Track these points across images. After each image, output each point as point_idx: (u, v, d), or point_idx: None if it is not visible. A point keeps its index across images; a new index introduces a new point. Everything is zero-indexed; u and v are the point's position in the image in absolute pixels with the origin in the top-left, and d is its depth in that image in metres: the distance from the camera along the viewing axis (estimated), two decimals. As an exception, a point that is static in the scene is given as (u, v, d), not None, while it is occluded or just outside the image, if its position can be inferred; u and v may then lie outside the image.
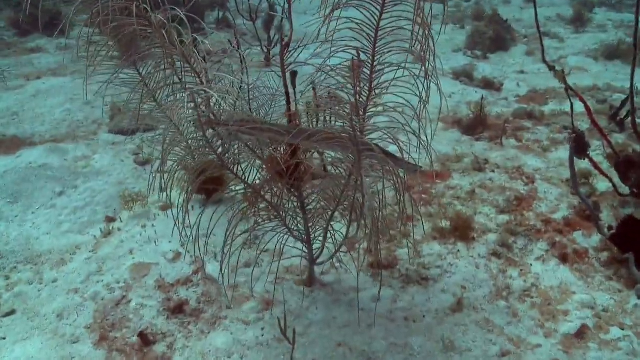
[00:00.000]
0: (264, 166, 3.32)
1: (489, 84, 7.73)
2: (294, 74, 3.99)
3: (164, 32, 2.84)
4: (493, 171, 5.22)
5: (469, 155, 5.54)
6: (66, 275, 4.00)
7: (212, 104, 3.16)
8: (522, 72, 8.50)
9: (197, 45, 3.00)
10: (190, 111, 3.04)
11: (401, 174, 2.92)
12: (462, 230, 4.28)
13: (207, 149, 3.00)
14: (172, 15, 2.85)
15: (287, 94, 3.30)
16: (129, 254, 4.20)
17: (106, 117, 6.20)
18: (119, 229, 4.52)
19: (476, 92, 7.47)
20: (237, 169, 3.22)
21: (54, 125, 6.21)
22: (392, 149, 2.87)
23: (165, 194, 3.13)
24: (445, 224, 4.39)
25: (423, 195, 4.84)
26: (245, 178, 3.23)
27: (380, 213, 3.08)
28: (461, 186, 4.98)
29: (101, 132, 6.20)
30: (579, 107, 6.81)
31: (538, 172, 5.25)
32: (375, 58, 3.10)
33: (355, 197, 3.11)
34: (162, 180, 3.13)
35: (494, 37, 9.40)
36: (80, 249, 4.32)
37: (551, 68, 4.14)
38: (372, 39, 3.04)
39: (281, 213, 3.40)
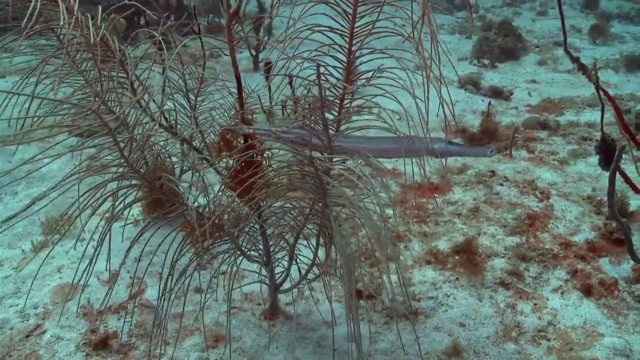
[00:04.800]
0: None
1: (497, 93, 7.00)
2: (268, 66, 3.28)
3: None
4: (501, 184, 4.46)
5: (472, 166, 4.79)
6: (-25, 297, 3.26)
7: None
8: (533, 81, 7.77)
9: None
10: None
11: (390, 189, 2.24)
12: (462, 254, 3.51)
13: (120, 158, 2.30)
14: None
15: (237, 78, 2.58)
16: (56, 272, 3.47)
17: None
18: (53, 242, 3.78)
19: (483, 100, 6.74)
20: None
21: (6, 124, 5.52)
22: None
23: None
24: (442, 245, 3.63)
25: (417, 211, 4.09)
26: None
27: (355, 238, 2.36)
28: (463, 202, 4.23)
29: (60, 135, 5.50)
30: (595, 116, 6.13)
31: (554, 186, 4.48)
32: (355, 42, 2.42)
33: (324, 215, 2.39)
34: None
35: (503, 45, 8.68)
36: (2, 265, 3.59)
37: (574, 60, 3.40)
38: (350, 17, 2.36)
39: (233, 232, 2.66)
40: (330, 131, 2.27)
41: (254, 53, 7.54)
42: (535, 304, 3.23)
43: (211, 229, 2.53)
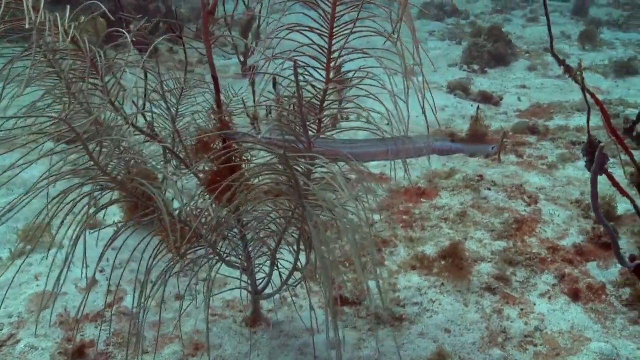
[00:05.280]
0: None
1: (486, 98, 6.98)
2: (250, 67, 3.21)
3: None
4: (488, 189, 4.41)
5: (460, 171, 4.74)
6: (-53, 306, 3.17)
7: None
8: (523, 86, 7.76)
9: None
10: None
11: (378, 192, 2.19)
12: (448, 259, 3.45)
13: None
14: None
15: (214, 78, 2.52)
16: (33, 279, 3.39)
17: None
18: (31, 248, 3.70)
19: (472, 105, 6.72)
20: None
21: (-11, 131, 5.45)
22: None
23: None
24: (428, 250, 3.57)
25: (403, 216, 4.03)
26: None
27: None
28: (450, 206, 4.18)
29: (44, 140, 5.42)
30: (584, 120, 6.10)
31: (542, 191, 4.44)
32: (336, 42, 2.37)
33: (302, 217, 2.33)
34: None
35: (493, 51, 8.67)
36: (-22, 274, 3.50)
37: (560, 62, 3.36)
38: (329, 14, 2.32)
39: (208, 237, 2.59)
40: (310, 132, 2.22)
41: (242, 59, 7.50)
42: (521, 309, 3.18)
43: (187, 233, 2.46)
